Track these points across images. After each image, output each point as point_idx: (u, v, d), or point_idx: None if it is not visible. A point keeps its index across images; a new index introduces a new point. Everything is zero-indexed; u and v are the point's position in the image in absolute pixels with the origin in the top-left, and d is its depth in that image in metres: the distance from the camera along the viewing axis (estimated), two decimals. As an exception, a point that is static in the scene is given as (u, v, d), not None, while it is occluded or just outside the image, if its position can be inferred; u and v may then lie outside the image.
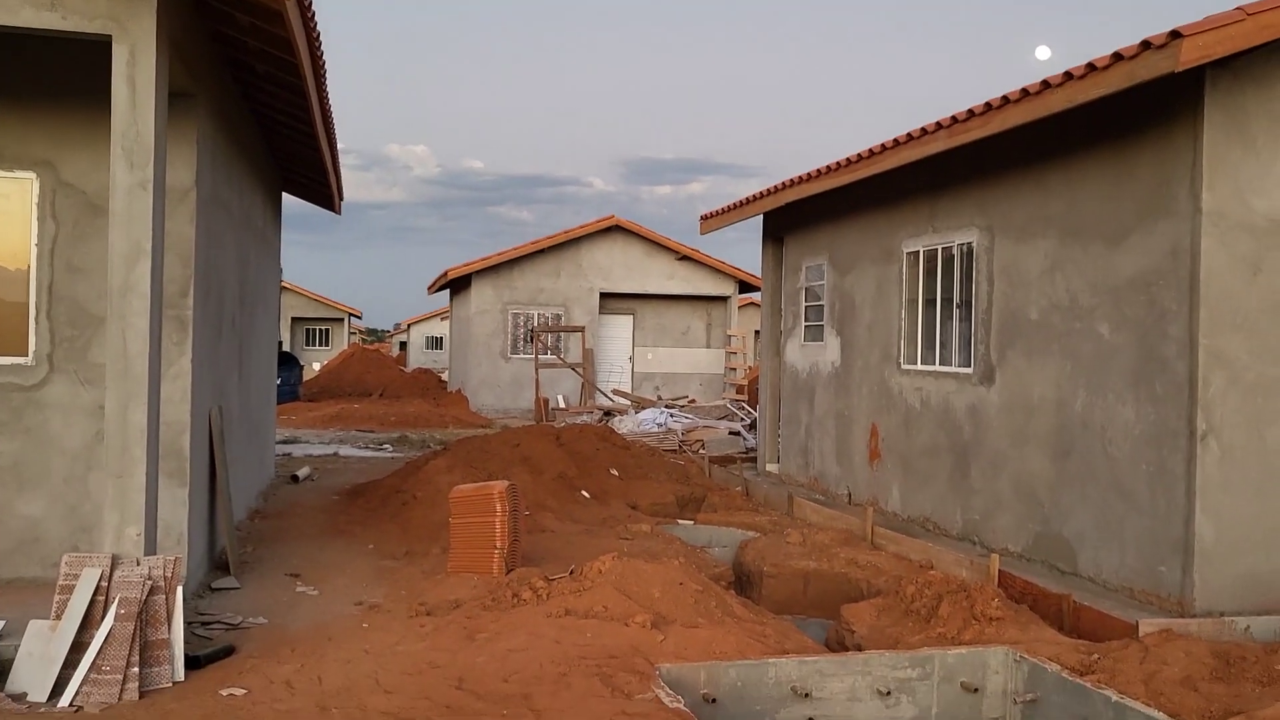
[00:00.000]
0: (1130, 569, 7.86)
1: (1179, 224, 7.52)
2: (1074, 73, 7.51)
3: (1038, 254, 9.09)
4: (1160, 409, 7.65)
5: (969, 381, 10.04)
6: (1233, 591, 7.30)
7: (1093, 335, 8.37)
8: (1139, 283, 7.91)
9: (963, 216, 10.24)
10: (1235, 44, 6.68)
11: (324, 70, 8.39)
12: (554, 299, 29.08)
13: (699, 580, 6.96)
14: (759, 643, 6.21)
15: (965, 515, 10.04)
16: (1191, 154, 7.42)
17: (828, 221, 13.34)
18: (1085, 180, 8.54)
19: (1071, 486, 8.55)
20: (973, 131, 8.78)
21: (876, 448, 11.84)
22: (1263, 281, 7.42)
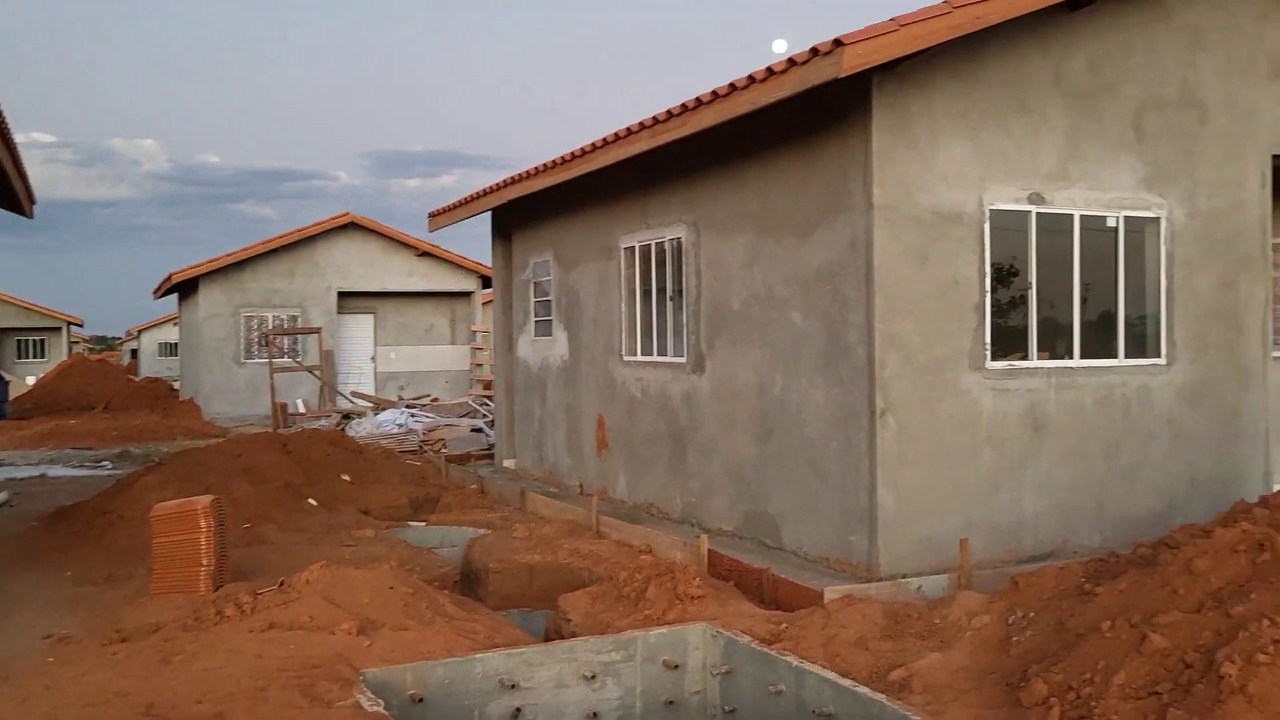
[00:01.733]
0: (826, 540, 8.44)
1: (856, 218, 8.11)
2: (756, 76, 7.96)
3: (738, 248, 9.58)
4: (846, 390, 8.24)
5: (683, 370, 10.47)
6: (912, 555, 7.97)
7: (787, 324, 8.91)
8: (825, 273, 8.47)
9: (672, 213, 10.65)
10: (891, 52, 7.26)
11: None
12: (289, 300, 28.10)
13: (411, 583, 6.97)
14: (469, 640, 6.29)
15: (685, 499, 10.47)
16: (864, 153, 8.01)
17: (552, 218, 13.55)
18: (777, 178, 9.06)
19: (774, 466, 9.07)
20: (672, 131, 9.14)
21: (604, 438, 12.15)
22: (930, 270, 8.12)
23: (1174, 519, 8.64)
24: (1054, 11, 8.35)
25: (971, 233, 8.25)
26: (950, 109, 8.18)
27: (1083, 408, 8.70)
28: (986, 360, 8.31)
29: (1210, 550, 5.28)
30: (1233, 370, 9.31)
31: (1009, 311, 8.57)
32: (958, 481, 8.21)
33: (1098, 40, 8.72)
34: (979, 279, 8.27)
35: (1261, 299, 9.42)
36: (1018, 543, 8.41)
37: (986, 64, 8.30)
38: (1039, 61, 8.50)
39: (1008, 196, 8.38)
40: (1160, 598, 5.22)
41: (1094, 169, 8.70)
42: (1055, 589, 6.06)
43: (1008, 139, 8.39)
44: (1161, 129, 8.96)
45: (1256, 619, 4.53)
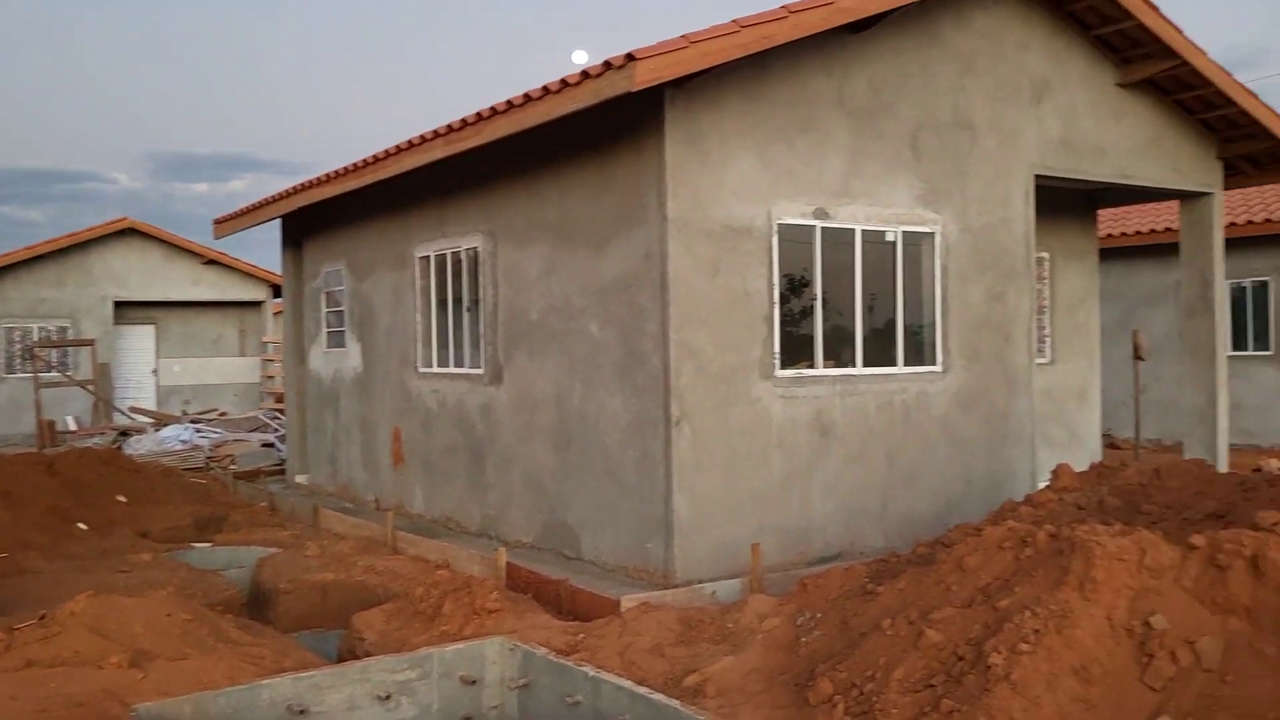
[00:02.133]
0: (624, 548, 8.50)
1: (651, 230, 8.22)
2: (550, 88, 7.96)
3: (536, 258, 9.55)
4: (642, 399, 8.33)
5: (481, 382, 10.35)
6: (707, 560, 8.12)
7: (585, 334, 8.95)
8: (621, 284, 8.55)
9: (469, 222, 10.54)
10: (683, 68, 7.40)
11: None
12: (59, 310, 26.27)
13: (190, 609, 6.61)
14: (254, 665, 6.00)
15: (483, 511, 10.35)
16: (658, 167, 8.13)
17: (345, 226, 13.17)
18: (574, 189, 9.09)
19: (573, 476, 9.08)
20: (467, 140, 9.04)
21: (400, 451, 11.89)
22: (721, 281, 8.31)
23: (951, 518, 9.14)
24: (836, 34, 8.71)
25: (761, 245, 8.49)
26: (740, 125, 8.40)
27: (866, 413, 9.09)
28: (776, 369, 8.56)
29: (980, 548, 5.59)
30: (1002, 377, 9.92)
31: (797, 321, 8.86)
32: (750, 487, 8.42)
33: (878, 63, 9.14)
34: (768, 290, 8.52)
35: (1027, 310, 10.09)
36: (807, 545, 8.70)
37: (774, 83, 8.57)
38: (823, 82, 8.85)
39: (794, 211, 8.68)
40: (936, 594, 5.49)
41: (874, 186, 9.11)
42: (841, 590, 6.29)
43: (794, 156, 8.69)
44: (936, 148, 9.47)
45: (1020, 611, 4.82)
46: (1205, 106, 11.19)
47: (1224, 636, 4.57)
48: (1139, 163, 11.01)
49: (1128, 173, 10.93)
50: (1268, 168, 12.20)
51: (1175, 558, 4.94)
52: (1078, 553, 4.95)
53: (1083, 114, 10.54)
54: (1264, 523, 4.90)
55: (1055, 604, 4.76)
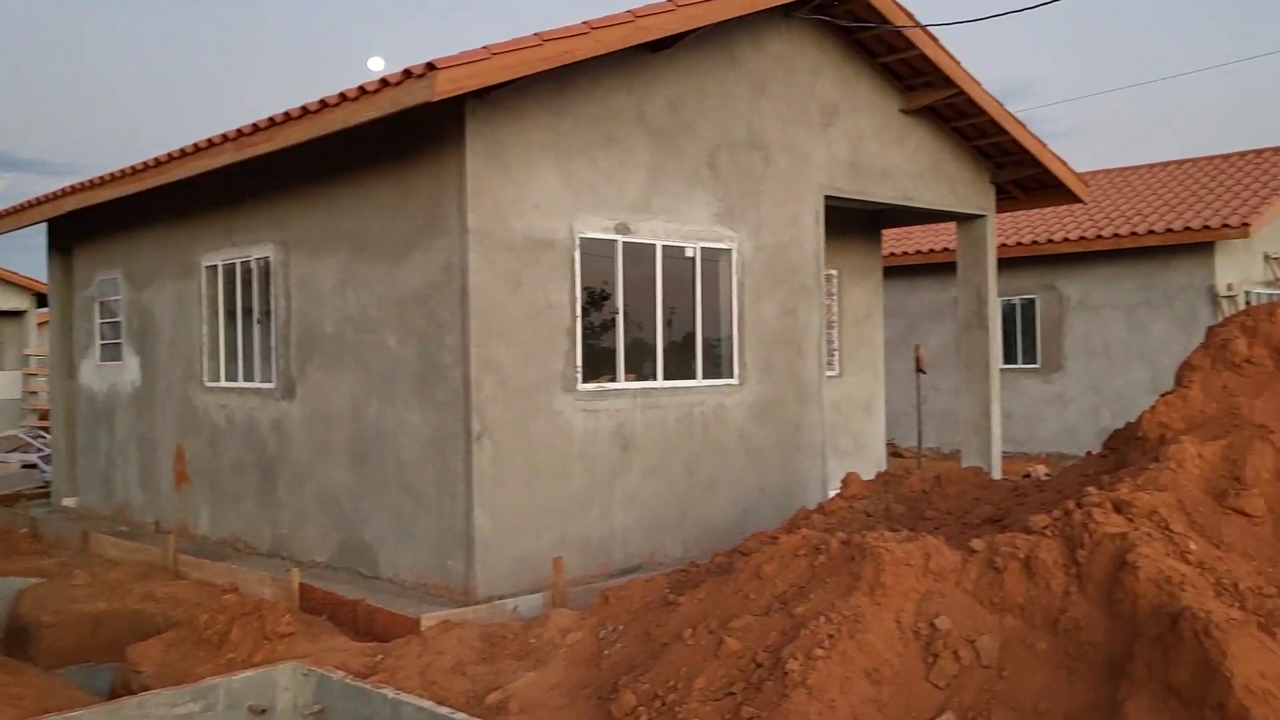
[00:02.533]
0: (424, 565, 8.32)
1: (451, 242, 8.09)
2: (348, 94, 7.73)
3: (331, 269, 9.25)
4: (442, 413, 8.17)
5: (272, 396, 9.93)
6: (509, 575, 8.04)
7: (382, 347, 8.72)
8: (420, 296, 8.38)
9: (260, 230, 10.11)
10: (484, 79, 7.33)
11: None
12: None
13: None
14: (14, 707, 5.55)
15: (275, 531, 9.92)
16: (459, 178, 8.02)
17: (122, 232, 12.41)
18: (372, 199, 8.85)
19: (370, 492, 8.83)
20: (260, 146, 8.67)
21: (183, 470, 11.27)
22: (523, 295, 8.26)
23: (748, 526, 9.37)
24: (637, 52, 8.83)
25: (563, 259, 8.50)
26: (542, 139, 8.39)
27: (666, 426, 9.21)
28: (578, 382, 8.57)
29: (777, 556, 5.73)
30: (794, 389, 10.26)
31: (599, 335, 8.90)
32: (552, 500, 8.39)
33: (677, 82, 9.31)
34: (570, 304, 8.53)
35: (817, 324, 10.47)
36: (609, 557, 8.73)
37: (576, 98, 8.60)
38: (624, 99, 8.94)
39: (596, 225, 8.72)
40: (735, 603, 5.60)
41: (673, 202, 9.27)
42: (642, 601, 6.33)
43: (596, 171, 8.74)
44: (733, 168, 9.72)
45: (814, 617, 4.97)
46: (980, 134, 11.93)
47: (1001, 634, 4.83)
48: (920, 185, 11.63)
49: (910, 195, 11.52)
50: (1035, 193, 13.12)
51: (957, 561, 5.20)
52: (868, 559, 5.14)
53: (869, 138, 11.05)
54: (1035, 526, 5.22)
55: (848, 609, 4.93)
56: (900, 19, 10.43)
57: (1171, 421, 6.07)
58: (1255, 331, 6.13)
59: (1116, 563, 4.78)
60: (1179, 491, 5.31)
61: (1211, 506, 5.25)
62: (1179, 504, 5.22)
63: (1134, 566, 4.65)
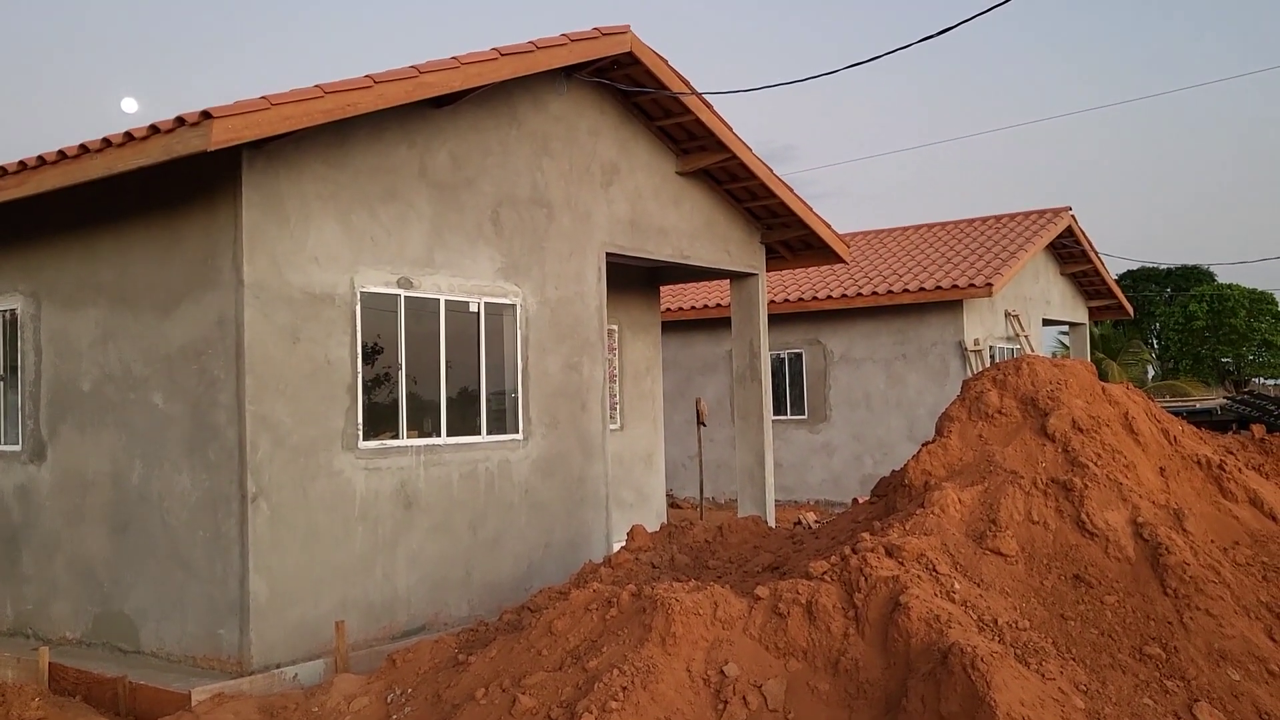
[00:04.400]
0: (192, 637, 7.85)
1: (225, 295, 7.77)
2: (113, 140, 7.35)
3: (89, 322, 8.70)
4: (215, 475, 7.79)
5: (18, 460, 9.20)
6: (287, 642, 7.69)
7: (148, 405, 8.24)
8: (191, 352, 7.99)
9: (6, 281, 9.40)
10: (262, 130, 7.13)
11: None
12: None
13: None
14: None
15: (17, 607, 9.14)
16: (234, 229, 7.73)
17: None
18: (137, 248, 8.40)
19: (132, 561, 8.28)
20: (8, 191, 8.10)
21: (-89, 543, 10.21)
22: (301, 350, 8.01)
23: (533, 582, 9.35)
24: (420, 107, 8.82)
25: (344, 314, 8.31)
26: (322, 191, 8.21)
27: (450, 483, 9.10)
28: (359, 440, 8.36)
29: (568, 611, 5.75)
30: (578, 443, 10.35)
31: (381, 391, 8.73)
32: (332, 563, 8.11)
33: (459, 137, 9.34)
34: (351, 359, 8.34)
35: (601, 379, 10.63)
36: (392, 619, 8.50)
37: (357, 150, 8.49)
38: (406, 153, 8.89)
39: (378, 280, 8.59)
40: (527, 660, 5.57)
41: (457, 257, 9.24)
42: (431, 662, 6.20)
43: (377, 224, 8.62)
44: (516, 224, 9.80)
45: (609, 669, 5.01)
46: (751, 197, 12.50)
47: (786, 678, 5.01)
48: (696, 244, 12.05)
49: (686, 253, 11.91)
50: (801, 253, 13.82)
51: (743, 609, 5.36)
52: (659, 610, 5.24)
53: (648, 198, 11.38)
54: (815, 572, 5.46)
55: (640, 660, 4.99)
56: (676, 85, 10.84)
57: (934, 469, 6.50)
58: (1005, 385, 6.66)
59: (890, 604, 5.05)
60: (943, 535, 5.68)
61: (972, 548, 5.64)
62: (943, 546, 5.58)
63: (906, 607, 4.93)
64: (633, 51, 10.37)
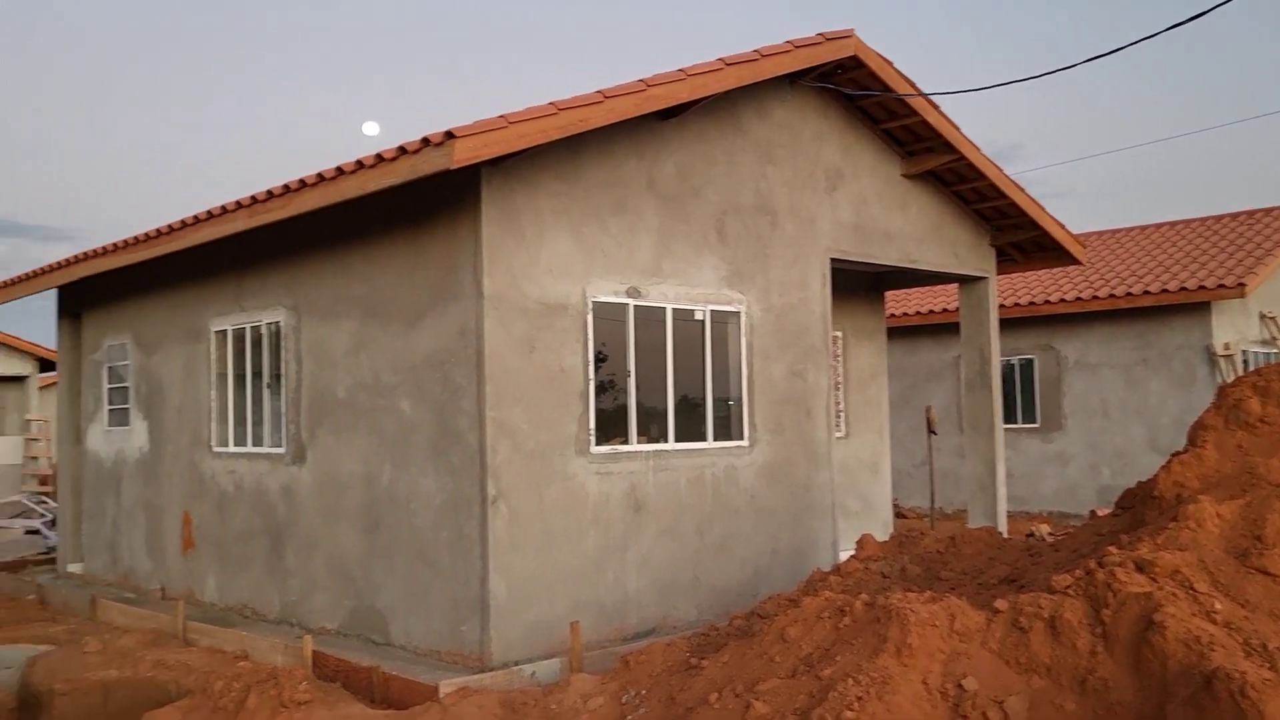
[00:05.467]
0: (437, 632, 8.28)
1: (466, 307, 8.17)
2: (365, 162, 7.86)
3: (344, 334, 9.32)
4: (457, 478, 8.19)
5: (282, 461, 9.95)
6: (524, 641, 8.00)
7: (396, 411, 8.75)
8: (435, 361, 8.44)
9: (270, 296, 10.20)
10: (500, 147, 7.46)
11: None
12: None
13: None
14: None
15: (283, 598, 9.88)
16: (474, 243, 8.12)
17: (131, 298, 12.50)
18: (386, 264, 8.95)
19: (382, 559, 8.81)
20: (273, 212, 8.79)
21: (190, 536, 11.23)
22: (537, 358, 8.32)
23: (760, 588, 9.36)
24: (647, 120, 9.00)
25: (576, 323, 8.58)
26: (555, 205, 8.51)
27: (678, 488, 9.24)
28: (591, 445, 8.61)
29: (800, 618, 5.74)
30: (804, 450, 10.30)
31: (611, 397, 8.96)
32: (566, 565, 8.38)
33: (685, 148, 9.48)
34: (583, 367, 8.60)
35: (825, 386, 10.54)
36: (623, 621, 8.70)
37: (587, 165, 8.75)
38: (634, 165, 9.09)
39: (608, 289, 8.82)
40: (759, 666, 5.59)
41: (683, 266, 9.38)
42: (664, 665, 6.31)
43: (608, 236, 8.86)
44: (740, 232, 9.86)
45: (843, 679, 4.97)
46: (980, 198, 12.11)
47: (1029, 695, 4.83)
48: (922, 248, 11.78)
49: (913, 257, 11.66)
50: (1033, 255, 13.28)
51: (981, 622, 5.21)
52: (894, 620, 5.16)
53: (872, 202, 11.22)
54: (1058, 586, 5.24)
55: (875, 671, 4.93)
56: (902, 87, 10.64)
57: (1187, 480, 6.12)
58: (1268, 391, 6.21)
59: (1143, 622, 4.80)
60: (1200, 551, 5.35)
61: (1234, 566, 5.29)
62: (1201, 563, 5.25)
63: (1161, 626, 4.67)
64: (857, 55, 10.25)
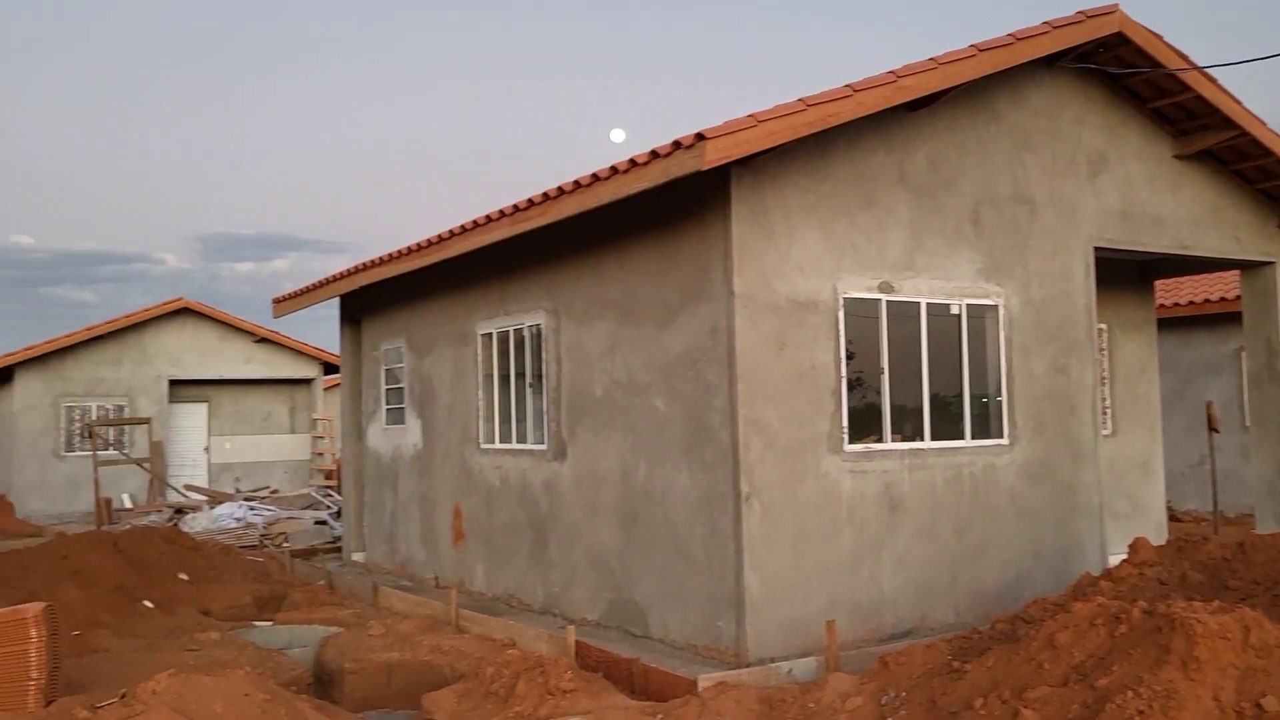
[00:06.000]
0: (693, 626, 8.43)
1: (716, 306, 8.28)
2: (619, 167, 8.10)
3: (599, 335, 9.64)
4: (711, 475, 8.31)
5: (544, 458, 10.39)
6: (779, 638, 8.03)
7: (650, 409, 8.97)
8: (686, 359, 8.59)
9: (531, 299, 10.66)
10: (750, 146, 7.52)
11: None
12: (116, 389, 26.71)
13: (267, 689, 6.60)
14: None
15: (546, 589, 10.31)
16: (723, 243, 8.22)
17: (405, 304, 13.37)
18: (638, 266, 9.19)
19: (638, 553, 9.05)
20: (532, 220, 9.19)
21: (460, 528, 11.90)
22: (788, 356, 8.33)
23: (1022, 591, 9.00)
24: (896, 111, 8.82)
25: (827, 320, 8.53)
26: (803, 202, 8.49)
27: (934, 487, 9.01)
28: (844, 443, 8.53)
29: (1070, 624, 5.49)
30: (1067, 449, 9.82)
31: (864, 395, 8.85)
32: (820, 562, 8.35)
33: (936, 139, 9.23)
34: (835, 364, 8.53)
35: (1090, 381, 10.01)
36: (879, 621, 8.58)
37: (835, 159, 8.68)
38: (884, 158, 8.94)
39: (859, 285, 8.72)
40: (1027, 673, 5.39)
41: (937, 260, 9.15)
42: (924, 667, 6.19)
43: (857, 231, 8.75)
44: (996, 223, 9.51)
45: (1120, 691, 4.72)
46: (1265, 176, 11.17)
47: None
48: (1198, 233, 10.98)
49: (1186, 243, 10.89)
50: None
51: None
52: (1178, 631, 4.86)
53: (1140, 186, 10.55)
54: (1370, 599, 4.79)
55: (1159, 684, 4.66)
56: (1174, 62, 9.96)
57: None
58: None
59: None
60: None
61: None
62: None
63: None
64: (1122, 31, 9.67)
